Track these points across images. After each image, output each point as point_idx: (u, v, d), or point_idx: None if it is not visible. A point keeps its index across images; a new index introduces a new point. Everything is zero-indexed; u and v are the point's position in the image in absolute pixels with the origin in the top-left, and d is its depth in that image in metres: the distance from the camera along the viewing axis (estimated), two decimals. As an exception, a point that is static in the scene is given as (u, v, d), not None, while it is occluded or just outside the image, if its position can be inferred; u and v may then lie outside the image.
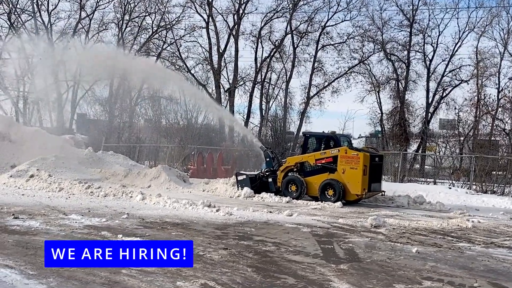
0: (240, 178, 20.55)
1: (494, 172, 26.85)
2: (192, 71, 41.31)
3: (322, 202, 18.38)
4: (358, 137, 58.13)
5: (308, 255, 9.89)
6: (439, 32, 38.87)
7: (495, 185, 25.57)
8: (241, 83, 41.57)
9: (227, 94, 40.46)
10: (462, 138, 35.57)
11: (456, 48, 38.43)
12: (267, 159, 21.23)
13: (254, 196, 19.32)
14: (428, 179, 29.34)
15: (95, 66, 26.07)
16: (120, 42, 40.68)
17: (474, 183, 26.03)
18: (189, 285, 7.49)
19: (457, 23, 45.44)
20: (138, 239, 10.57)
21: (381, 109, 40.65)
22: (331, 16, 39.69)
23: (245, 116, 41.03)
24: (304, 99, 41.15)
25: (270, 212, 15.54)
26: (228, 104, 39.91)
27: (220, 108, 32.15)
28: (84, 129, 43.43)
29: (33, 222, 12.02)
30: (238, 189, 20.18)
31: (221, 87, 40.29)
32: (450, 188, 24.62)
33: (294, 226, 13.21)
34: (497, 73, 37.33)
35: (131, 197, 17.69)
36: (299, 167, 19.68)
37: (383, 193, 20.00)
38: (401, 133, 38.17)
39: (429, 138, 38.85)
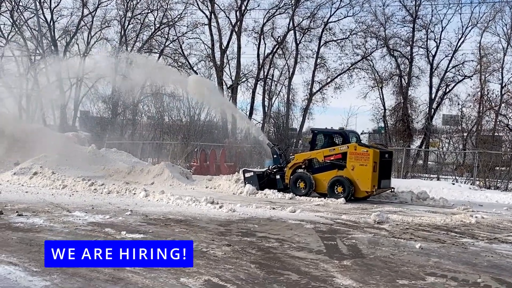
0: (247, 175, 20.49)
1: (498, 168, 26.82)
2: (195, 68, 41.36)
3: (327, 198, 18.33)
4: (361, 133, 58.01)
5: (312, 251, 9.89)
6: (442, 27, 38.79)
7: (499, 180, 25.54)
8: (244, 80, 41.58)
9: (229, 91, 40.46)
10: (465, 134, 35.49)
11: (459, 44, 38.34)
12: (275, 156, 21.16)
13: (257, 193, 19.33)
14: (432, 175, 29.31)
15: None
16: (122, 40, 40.72)
17: (477, 178, 26.01)
18: (193, 282, 7.50)
19: (460, 19, 45.22)
20: (141, 235, 10.59)
21: (384, 105, 40.62)
22: (333, 12, 39.65)
23: (247, 113, 41.02)
24: (306, 95, 41.13)
25: (273, 208, 15.55)
26: (231, 101, 39.88)
27: (232, 106, 32.11)
28: (87, 126, 43.49)
29: (37, 219, 12.06)
30: (245, 186, 20.15)
31: (224, 84, 40.29)
32: (453, 183, 24.59)
33: (297, 222, 13.22)
34: (500, 69, 37.28)
35: (134, 194, 17.71)
36: (307, 164, 19.58)
37: (392, 189, 19.89)
38: (404, 129, 38.12)
39: (432, 134, 38.76)
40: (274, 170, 20.64)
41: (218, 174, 25.06)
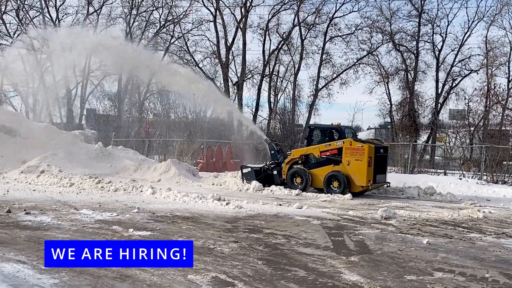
0: (245, 171, 20.67)
1: (505, 162, 26.71)
2: (200, 65, 41.36)
3: (331, 194, 18.42)
4: (368, 129, 58.11)
5: (319, 247, 9.89)
6: (448, 21, 38.69)
7: (506, 175, 25.45)
8: (249, 76, 41.55)
9: (235, 87, 40.45)
10: (472, 128, 35.36)
11: (465, 38, 38.24)
12: (272, 152, 21.38)
13: (263, 189, 19.34)
14: (439, 170, 29.23)
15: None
16: (128, 37, 40.76)
17: (484, 173, 25.91)
18: (200, 278, 7.52)
19: (466, 13, 45.27)
20: (149, 233, 10.63)
21: (390, 100, 40.54)
22: (339, 7, 39.61)
23: (253, 109, 41.04)
24: (312, 91, 41.12)
25: (280, 205, 15.55)
26: (236, 97, 39.90)
27: (227, 102, 32.08)
28: (94, 124, 43.63)
29: (44, 218, 12.10)
30: (243, 182, 20.29)
31: (229, 80, 40.28)
32: (460, 178, 24.50)
33: (304, 218, 13.22)
34: (507, 62, 37.13)
35: (141, 191, 17.75)
36: (304, 159, 19.76)
37: (388, 184, 20.00)
38: (411, 124, 38.02)
39: (439, 129, 38.66)
40: (272, 166, 20.75)
41: (224, 171, 25.07)
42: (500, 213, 15.30)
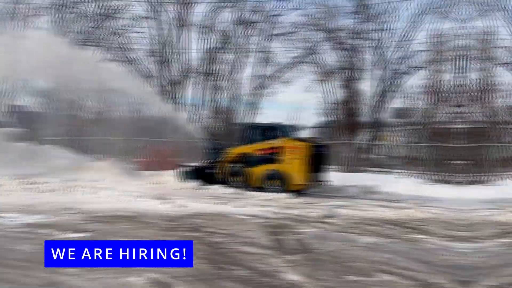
0: (183, 169, 20.56)
1: (450, 162, 27.18)
2: (139, 63, 40.57)
3: (271, 193, 18.31)
4: (309, 127, 58.40)
5: (260, 246, 9.74)
6: (393, 17, 38.83)
7: (451, 174, 25.78)
8: (190, 75, 41.14)
9: (174, 86, 40.02)
10: (417, 127, 35.82)
11: (410, 34, 38.55)
12: (211, 150, 21.36)
13: (203, 188, 19.17)
14: (382, 169, 29.53)
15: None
16: (59, 31, 39.29)
17: (430, 172, 26.21)
18: (137, 280, 7.26)
19: (412, 8, 45.33)
20: (88, 234, 10.19)
21: (331, 99, 40.76)
22: (279, 5, 39.66)
23: (195, 109, 40.67)
24: (254, 90, 41.07)
25: (222, 203, 15.38)
26: (176, 96, 39.44)
27: (162, 102, 31.71)
28: (25, 122, 41.99)
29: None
30: (181, 181, 20.18)
31: (169, 79, 39.80)
32: (404, 178, 24.75)
33: (245, 217, 13.09)
34: (452, 59, 37.67)
35: (79, 191, 17.13)
36: (242, 158, 19.73)
37: (328, 182, 20.10)
38: (353, 123, 38.37)
39: (382, 127, 39.11)
40: (210, 164, 20.65)
41: (165, 169, 24.69)
42: (444, 214, 15.26)
